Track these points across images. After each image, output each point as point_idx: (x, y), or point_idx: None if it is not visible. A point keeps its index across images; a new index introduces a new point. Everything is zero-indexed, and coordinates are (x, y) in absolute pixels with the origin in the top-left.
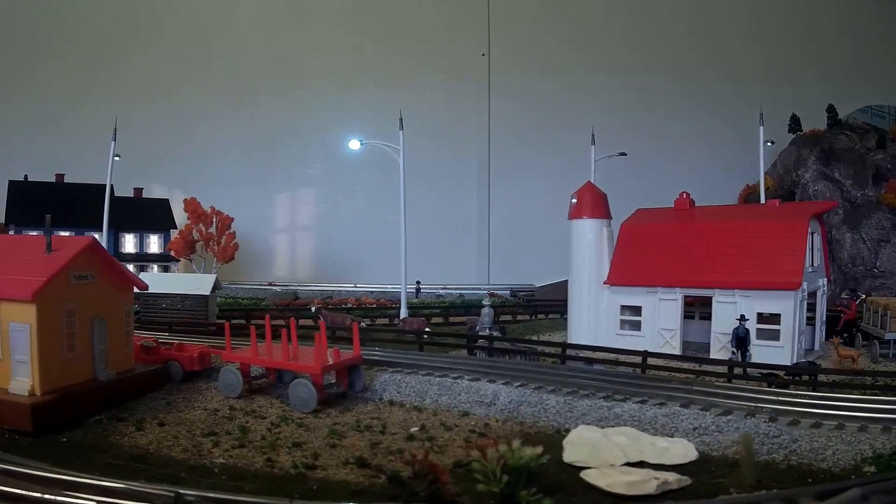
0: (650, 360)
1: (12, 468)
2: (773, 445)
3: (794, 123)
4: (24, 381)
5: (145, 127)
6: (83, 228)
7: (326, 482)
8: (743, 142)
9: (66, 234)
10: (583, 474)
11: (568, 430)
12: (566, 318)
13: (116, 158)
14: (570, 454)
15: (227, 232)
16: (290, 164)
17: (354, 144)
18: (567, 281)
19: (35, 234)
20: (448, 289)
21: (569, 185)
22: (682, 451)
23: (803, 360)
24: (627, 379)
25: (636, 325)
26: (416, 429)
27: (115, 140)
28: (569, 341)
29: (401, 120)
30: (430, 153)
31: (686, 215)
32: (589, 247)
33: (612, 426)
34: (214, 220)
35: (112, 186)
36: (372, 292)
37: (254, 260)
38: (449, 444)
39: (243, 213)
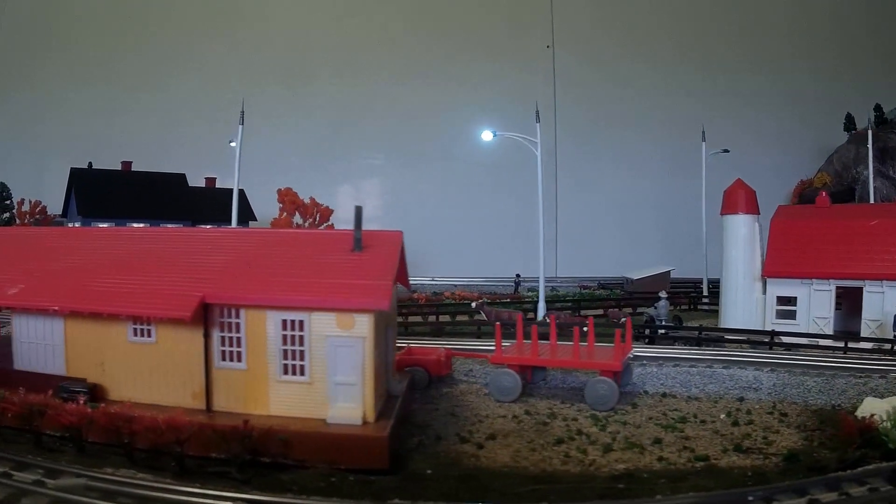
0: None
1: None
2: None
3: (849, 122)
4: (349, 408)
5: (206, 115)
6: (158, 220)
7: (721, 471)
8: (792, 138)
9: (139, 225)
10: None
11: (840, 406)
12: (680, 309)
13: (232, 144)
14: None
15: (325, 224)
16: (352, 154)
17: (487, 136)
18: (667, 272)
19: (105, 225)
20: (522, 281)
21: (639, 177)
22: None
23: None
24: (844, 359)
25: (790, 315)
26: (723, 416)
27: (242, 124)
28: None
29: (537, 112)
30: (495, 145)
31: (829, 212)
32: (743, 241)
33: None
34: (315, 211)
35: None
36: (456, 285)
37: None
38: (771, 425)
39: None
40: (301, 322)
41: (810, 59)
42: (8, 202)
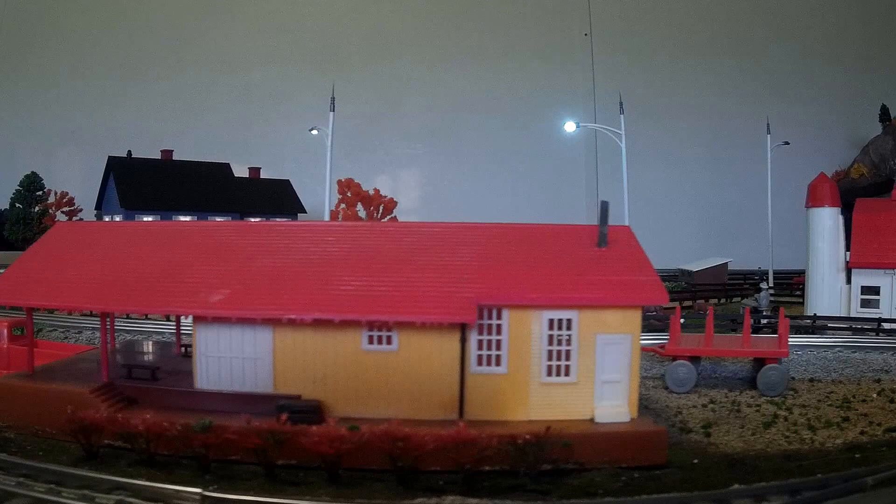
0: None
1: None
2: None
3: (884, 113)
4: (616, 406)
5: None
6: (204, 213)
7: None
8: (824, 129)
9: (186, 219)
10: None
11: None
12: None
13: (313, 132)
14: None
15: (389, 216)
16: (390, 143)
17: (570, 126)
18: (724, 264)
19: (149, 219)
20: None
21: (684, 167)
22: None
23: None
24: None
25: (873, 304)
26: (875, 395)
27: (333, 111)
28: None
29: (621, 104)
30: (533, 134)
31: None
32: (829, 233)
33: None
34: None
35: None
36: None
37: None
38: None
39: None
40: (569, 321)
41: (842, 50)
42: (40, 193)
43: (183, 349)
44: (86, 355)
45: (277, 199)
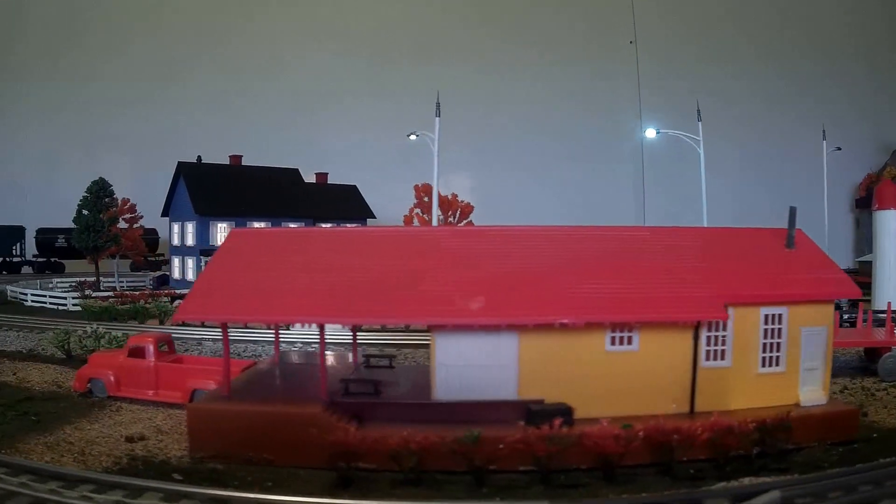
0: None
1: None
2: None
3: None
4: (814, 390)
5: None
6: (277, 218)
7: None
8: (852, 132)
9: (261, 225)
10: None
11: None
12: None
13: (412, 137)
14: None
15: (465, 221)
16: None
17: (650, 133)
18: None
19: (223, 225)
20: None
21: (734, 172)
22: None
23: None
24: None
25: None
26: None
27: (438, 116)
28: None
29: (698, 111)
30: (582, 137)
31: None
32: (894, 234)
33: None
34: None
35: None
36: None
37: None
38: None
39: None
40: (780, 316)
41: (868, 54)
42: (108, 199)
43: (364, 359)
44: (253, 370)
45: (346, 204)
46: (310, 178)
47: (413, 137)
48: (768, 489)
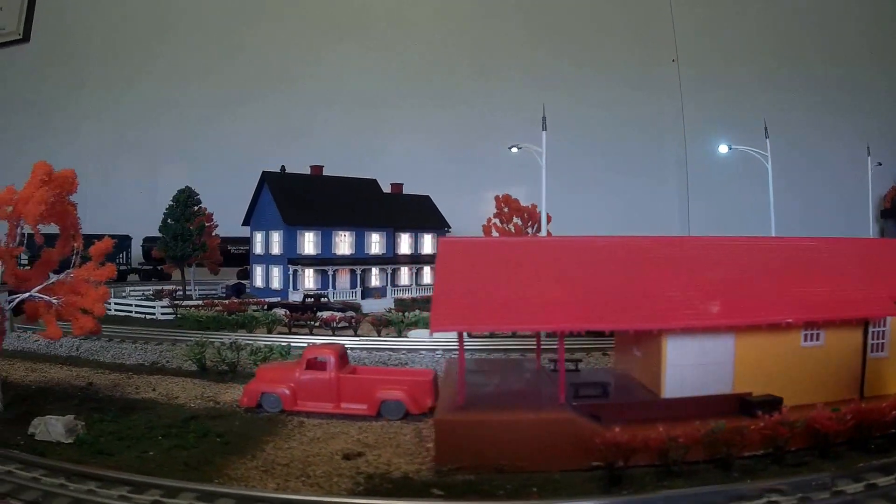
0: None
1: None
2: None
3: None
4: None
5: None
6: (360, 228)
7: None
8: (874, 143)
9: (346, 234)
10: None
11: None
12: None
13: (513, 150)
14: None
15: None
16: (498, 158)
17: (723, 149)
18: None
19: (309, 234)
20: None
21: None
22: None
23: None
24: None
25: None
26: None
27: (545, 129)
28: None
29: (765, 129)
30: (626, 152)
31: None
32: None
33: None
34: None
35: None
36: None
37: None
38: None
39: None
40: None
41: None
42: (196, 208)
43: (551, 364)
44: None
45: (423, 214)
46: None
47: (515, 150)
48: None
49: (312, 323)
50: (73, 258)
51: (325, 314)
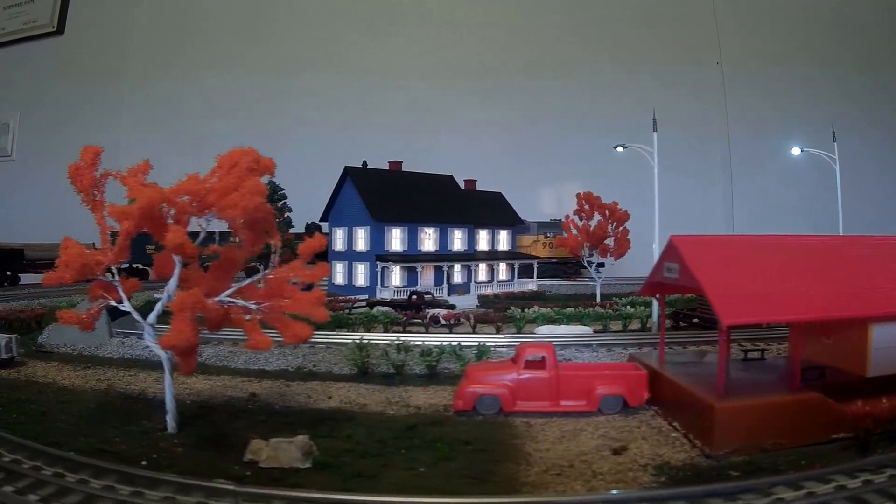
0: None
1: None
2: None
3: None
4: None
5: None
6: (444, 224)
7: None
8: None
9: (429, 230)
10: None
11: None
12: None
13: (618, 150)
14: None
15: (621, 227)
16: (550, 157)
17: (796, 151)
18: None
19: (397, 231)
20: None
21: (810, 181)
22: None
23: None
24: None
25: None
26: None
27: (655, 131)
28: None
29: (833, 132)
30: (676, 155)
31: None
32: None
33: None
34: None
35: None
36: None
37: None
38: None
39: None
40: None
41: None
42: (282, 204)
43: (744, 353)
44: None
45: (498, 211)
46: None
47: (620, 149)
48: None
49: (425, 321)
50: (273, 257)
51: (441, 312)
